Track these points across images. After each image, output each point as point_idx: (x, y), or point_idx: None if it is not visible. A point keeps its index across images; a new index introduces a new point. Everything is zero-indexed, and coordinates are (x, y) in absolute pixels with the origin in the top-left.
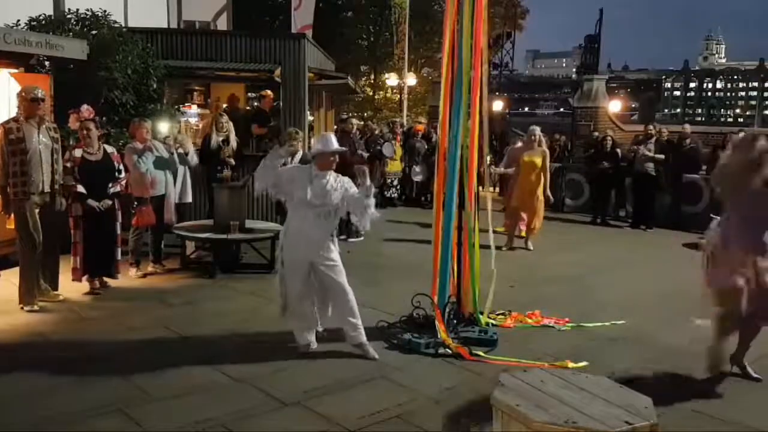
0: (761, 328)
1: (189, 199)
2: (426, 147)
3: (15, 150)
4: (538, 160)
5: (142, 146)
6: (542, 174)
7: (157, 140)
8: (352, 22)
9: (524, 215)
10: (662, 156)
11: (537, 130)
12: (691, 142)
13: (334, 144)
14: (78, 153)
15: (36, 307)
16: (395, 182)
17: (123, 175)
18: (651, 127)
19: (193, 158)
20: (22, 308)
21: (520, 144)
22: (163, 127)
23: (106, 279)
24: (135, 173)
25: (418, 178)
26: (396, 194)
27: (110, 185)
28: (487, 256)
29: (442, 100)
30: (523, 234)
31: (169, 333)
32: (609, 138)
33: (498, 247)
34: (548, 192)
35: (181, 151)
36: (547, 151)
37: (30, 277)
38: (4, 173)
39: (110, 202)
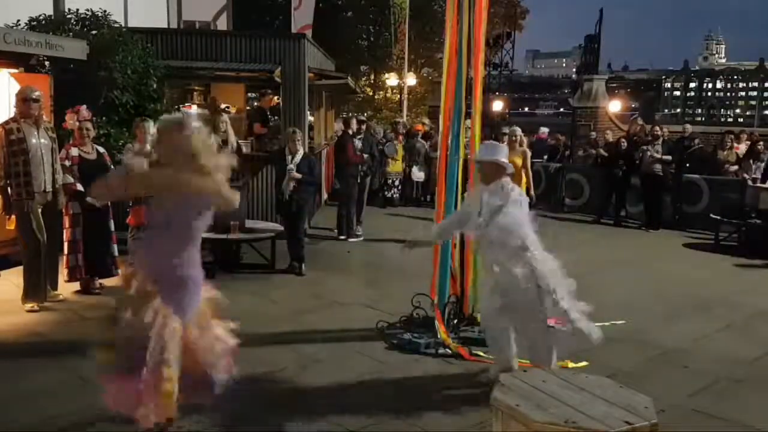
0: None
1: None
2: (426, 147)
3: (16, 150)
4: (519, 161)
5: (140, 146)
6: (524, 174)
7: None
8: (352, 22)
9: None
10: (669, 157)
11: (518, 130)
12: (700, 142)
13: None
14: (75, 152)
15: (37, 307)
16: (396, 182)
17: None
18: (657, 128)
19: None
20: (25, 308)
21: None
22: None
23: (104, 279)
24: None
25: (418, 179)
26: (397, 194)
27: None
28: None
29: (443, 101)
30: None
31: None
32: (623, 139)
33: None
34: (531, 192)
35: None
36: (528, 151)
37: (34, 278)
38: (5, 174)
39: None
